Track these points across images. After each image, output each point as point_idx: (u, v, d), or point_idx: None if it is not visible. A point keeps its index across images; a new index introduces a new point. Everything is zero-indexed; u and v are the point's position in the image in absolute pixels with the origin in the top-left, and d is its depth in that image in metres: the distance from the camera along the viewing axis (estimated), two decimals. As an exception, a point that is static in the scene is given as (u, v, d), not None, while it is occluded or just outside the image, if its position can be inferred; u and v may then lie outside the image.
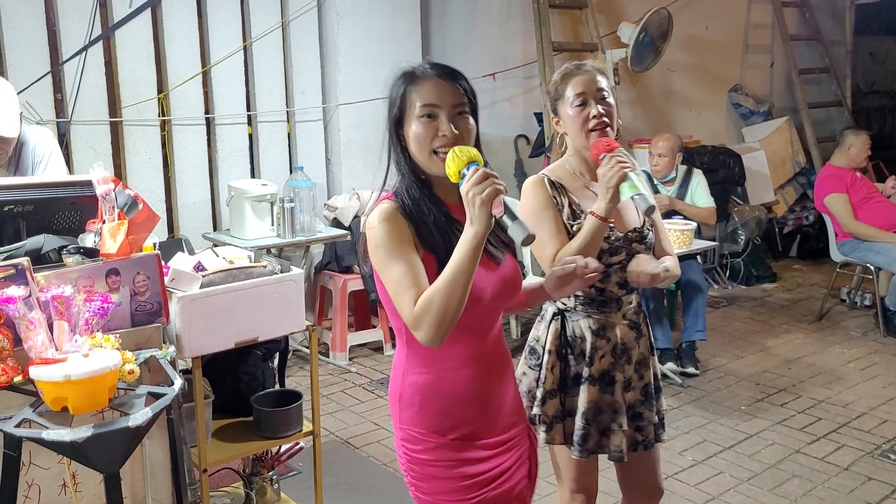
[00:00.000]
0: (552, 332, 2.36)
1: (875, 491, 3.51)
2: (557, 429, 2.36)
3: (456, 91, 1.79)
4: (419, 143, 1.77)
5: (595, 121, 2.26)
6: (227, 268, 2.55)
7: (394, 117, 1.81)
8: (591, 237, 2.19)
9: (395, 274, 1.72)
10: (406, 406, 1.88)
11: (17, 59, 4.35)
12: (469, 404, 1.86)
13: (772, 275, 6.92)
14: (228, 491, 3.03)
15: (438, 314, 1.65)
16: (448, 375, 1.84)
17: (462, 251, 1.64)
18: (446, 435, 1.85)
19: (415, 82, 1.79)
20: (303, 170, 4.97)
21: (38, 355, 1.80)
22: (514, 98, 6.41)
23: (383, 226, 1.74)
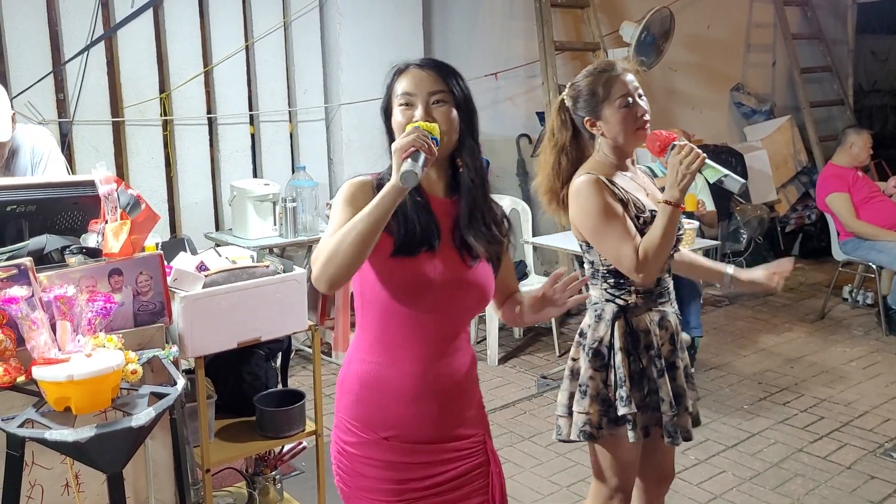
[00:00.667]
0: (619, 330, 2.34)
1: (877, 490, 3.50)
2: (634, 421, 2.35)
3: (435, 80, 1.82)
4: (397, 130, 1.81)
5: (642, 120, 2.33)
6: (229, 268, 2.55)
7: (382, 108, 1.89)
8: (670, 226, 2.21)
9: (332, 225, 1.77)
10: (345, 393, 1.88)
11: (19, 59, 4.36)
12: (406, 405, 1.81)
13: (774, 274, 6.90)
14: (231, 491, 3.04)
15: (327, 252, 1.67)
16: (390, 370, 1.81)
17: (375, 199, 1.67)
18: (378, 432, 1.82)
19: (399, 74, 1.86)
20: (305, 169, 4.97)
21: (40, 355, 1.80)
22: (516, 97, 6.40)
23: (350, 187, 1.83)
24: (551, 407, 4.37)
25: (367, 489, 1.84)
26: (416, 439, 1.83)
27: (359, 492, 1.86)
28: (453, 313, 1.84)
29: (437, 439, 1.85)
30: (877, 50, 9.38)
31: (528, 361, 5.07)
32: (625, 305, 2.36)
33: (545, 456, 3.82)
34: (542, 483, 3.58)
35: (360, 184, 1.83)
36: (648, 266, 2.23)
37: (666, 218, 2.21)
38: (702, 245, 4.97)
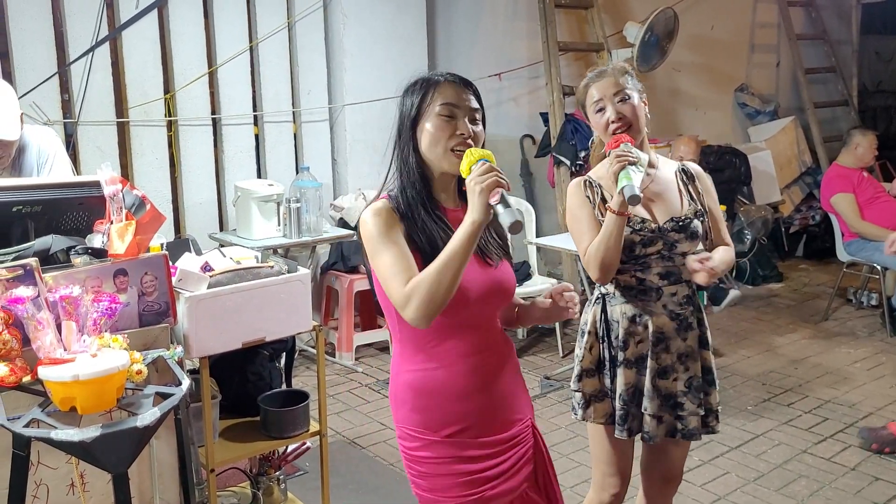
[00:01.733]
0: (592, 315, 2.48)
1: (882, 491, 3.50)
2: (595, 407, 2.46)
3: (472, 99, 1.88)
4: (435, 140, 1.83)
5: (613, 125, 2.36)
6: (234, 268, 2.55)
7: (411, 116, 1.86)
8: (609, 231, 2.29)
9: (387, 260, 1.78)
10: (400, 404, 1.93)
11: (24, 60, 4.37)
12: (461, 401, 1.88)
13: (778, 274, 6.91)
14: (235, 491, 3.04)
15: (428, 293, 1.71)
16: (438, 373, 1.88)
17: (458, 237, 1.71)
18: (439, 432, 1.88)
19: (435, 85, 1.86)
20: (309, 170, 4.98)
21: (46, 355, 1.80)
22: (519, 98, 6.41)
23: (375, 219, 1.82)
24: (555, 408, 4.38)
25: (441, 488, 1.90)
26: (474, 433, 1.90)
27: (437, 493, 1.91)
28: (485, 311, 1.92)
29: (493, 429, 1.93)
30: (881, 50, 9.36)
31: (531, 362, 5.07)
32: (605, 294, 2.47)
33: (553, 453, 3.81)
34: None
35: (386, 211, 1.84)
36: (591, 265, 2.34)
37: (605, 223, 2.31)
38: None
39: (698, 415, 2.45)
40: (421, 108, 1.85)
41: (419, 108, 1.85)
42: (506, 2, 6.30)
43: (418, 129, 1.86)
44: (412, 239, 1.83)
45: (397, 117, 1.91)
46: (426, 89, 1.86)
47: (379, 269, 1.80)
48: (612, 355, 2.44)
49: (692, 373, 2.44)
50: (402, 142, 1.89)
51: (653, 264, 2.39)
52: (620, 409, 2.41)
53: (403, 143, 1.88)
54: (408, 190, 1.86)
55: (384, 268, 1.79)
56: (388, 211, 1.84)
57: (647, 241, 2.36)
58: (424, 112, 1.85)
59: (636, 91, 2.39)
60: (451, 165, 1.82)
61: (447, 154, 1.82)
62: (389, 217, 1.83)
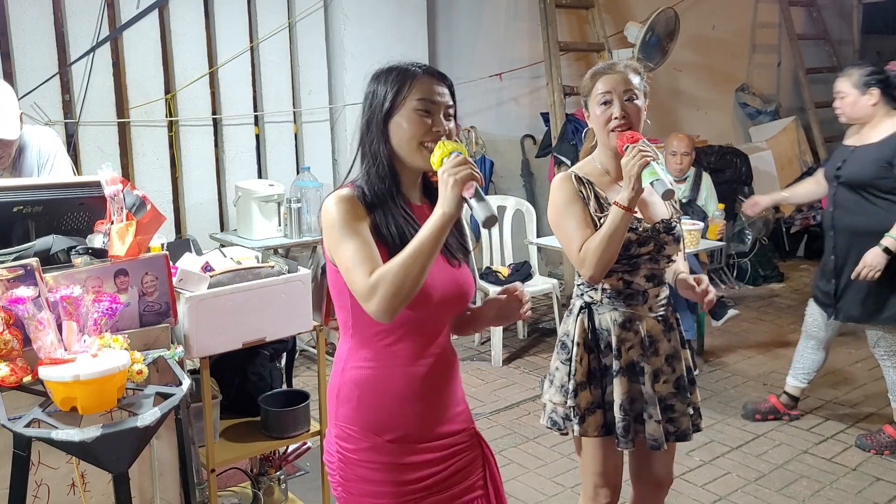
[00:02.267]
0: (579, 325, 2.41)
1: (883, 491, 3.50)
2: (590, 420, 2.40)
3: (447, 94, 1.81)
4: (409, 136, 1.76)
5: (616, 122, 2.30)
6: (234, 268, 2.56)
7: (384, 108, 1.78)
8: (616, 227, 2.22)
9: (350, 250, 1.71)
10: (343, 401, 1.85)
11: (25, 61, 4.37)
12: (409, 404, 1.82)
13: (779, 275, 6.91)
14: (236, 491, 3.04)
15: (393, 286, 1.64)
16: (390, 373, 1.81)
17: (427, 230, 1.64)
18: (382, 435, 1.81)
19: (412, 78, 1.79)
20: (310, 170, 4.98)
21: (47, 355, 1.80)
22: (520, 98, 6.41)
23: (339, 206, 1.75)
24: (556, 408, 4.37)
25: (369, 494, 1.83)
26: (417, 439, 1.84)
27: (361, 498, 1.85)
28: (441, 313, 1.86)
29: (436, 436, 1.86)
30: (882, 50, 9.34)
31: (531, 362, 5.07)
32: (590, 302, 2.42)
33: (549, 457, 3.82)
34: (546, 484, 3.58)
35: (351, 199, 1.76)
36: (587, 263, 2.27)
37: (612, 218, 2.23)
38: (706, 246, 4.97)
39: (688, 415, 2.46)
40: (396, 101, 1.78)
41: (394, 101, 1.78)
42: (507, 2, 6.30)
43: (391, 122, 1.78)
44: (378, 231, 1.76)
45: (367, 106, 1.83)
46: (402, 81, 1.79)
47: (341, 258, 1.73)
48: (603, 365, 2.39)
49: (679, 373, 2.45)
50: (372, 133, 1.81)
51: (642, 266, 2.36)
52: (622, 419, 2.36)
53: (374, 135, 1.80)
54: (376, 182, 1.79)
55: (347, 257, 1.71)
56: (353, 199, 1.76)
57: (642, 240, 2.33)
58: (399, 105, 1.77)
59: (643, 93, 2.37)
60: (423, 161, 1.75)
61: (420, 149, 1.76)
62: (354, 206, 1.75)
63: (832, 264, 3.77)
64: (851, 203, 3.68)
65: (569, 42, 6.30)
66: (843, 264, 3.74)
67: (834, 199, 3.76)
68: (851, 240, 3.69)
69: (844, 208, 3.71)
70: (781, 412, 4.17)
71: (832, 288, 3.79)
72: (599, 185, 2.38)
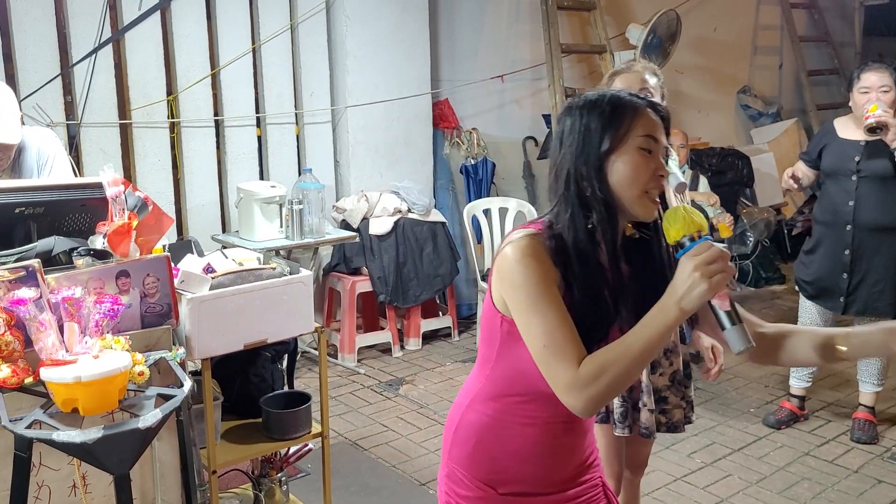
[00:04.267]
0: None
1: (885, 494, 3.49)
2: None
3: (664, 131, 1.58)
4: (633, 179, 1.52)
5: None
6: (236, 269, 2.55)
7: (604, 146, 1.53)
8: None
9: (546, 325, 1.49)
10: (459, 442, 1.70)
11: (27, 62, 4.37)
12: (529, 463, 1.66)
13: (780, 276, 6.90)
14: (237, 492, 3.04)
15: (608, 386, 1.44)
16: (513, 429, 1.64)
17: (656, 325, 1.43)
18: (496, 488, 1.66)
19: (634, 112, 1.55)
20: (311, 172, 4.98)
21: (48, 357, 1.80)
22: (522, 100, 6.41)
23: (531, 262, 1.51)
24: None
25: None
26: (535, 492, 1.68)
27: None
28: None
29: (557, 490, 1.70)
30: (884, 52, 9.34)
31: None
32: None
33: None
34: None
35: (541, 251, 1.52)
36: None
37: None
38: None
39: (681, 407, 2.54)
40: (616, 138, 1.53)
41: (614, 138, 1.53)
42: (509, 4, 6.30)
43: (609, 162, 1.53)
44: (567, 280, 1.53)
45: (576, 143, 1.56)
46: (624, 116, 1.54)
47: (533, 330, 1.50)
48: None
49: (675, 367, 2.53)
50: (586, 176, 1.54)
51: None
52: (621, 405, 2.44)
53: (589, 178, 1.54)
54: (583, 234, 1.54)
55: (542, 334, 1.48)
56: (542, 250, 1.52)
57: None
58: (621, 143, 1.53)
59: (660, 94, 2.41)
60: (643, 211, 1.54)
61: (642, 198, 1.53)
62: (545, 261, 1.51)
63: (847, 258, 3.80)
64: (877, 197, 3.72)
65: (571, 44, 6.30)
66: (860, 258, 3.76)
67: (856, 193, 3.76)
68: (872, 234, 3.75)
69: (868, 203, 3.74)
70: (798, 415, 4.21)
71: (844, 282, 3.81)
72: None
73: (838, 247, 3.84)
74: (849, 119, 3.86)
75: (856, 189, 3.76)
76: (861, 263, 3.78)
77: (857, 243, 3.78)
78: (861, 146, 3.75)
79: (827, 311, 3.96)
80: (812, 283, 3.97)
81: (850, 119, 3.85)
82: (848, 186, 3.78)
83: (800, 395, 4.21)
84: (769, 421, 4.17)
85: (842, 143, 3.83)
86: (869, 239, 3.74)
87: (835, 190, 3.85)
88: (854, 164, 3.75)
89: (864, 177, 3.73)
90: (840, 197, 3.81)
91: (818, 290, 3.94)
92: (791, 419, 4.17)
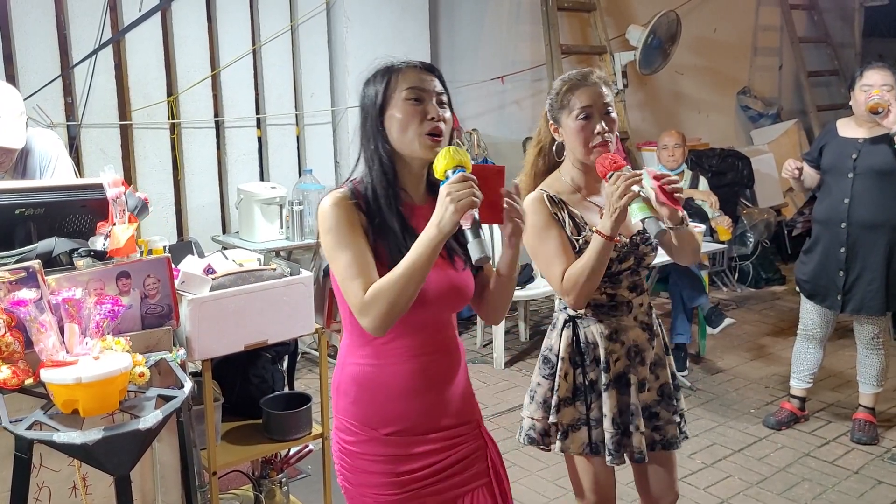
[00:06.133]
0: (564, 340, 2.36)
1: (885, 495, 3.49)
2: (574, 437, 2.34)
3: (436, 82, 1.81)
4: (404, 125, 1.76)
5: (599, 137, 2.21)
6: (236, 270, 2.55)
7: (377, 105, 1.80)
8: (599, 256, 2.15)
9: (344, 260, 1.73)
10: (342, 395, 1.89)
11: (27, 63, 4.37)
12: (404, 401, 1.84)
13: (781, 277, 6.90)
14: (238, 493, 3.04)
15: (387, 305, 1.67)
16: (384, 370, 1.84)
17: (420, 249, 1.66)
18: (379, 429, 1.85)
19: (397, 71, 1.81)
20: (312, 172, 4.98)
21: (48, 358, 1.80)
22: (522, 101, 6.41)
23: (334, 210, 1.76)
24: (557, 410, 4.37)
25: (369, 485, 1.87)
26: (416, 432, 1.86)
27: (362, 488, 1.89)
28: (438, 314, 1.86)
29: (434, 429, 1.88)
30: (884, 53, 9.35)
31: (533, 365, 5.05)
32: (575, 316, 2.36)
33: (552, 460, 3.81)
34: (549, 487, 3.57)
35: (346, 203, 1.77)
36: (574, 292, 2.21)
37: (594, 248, 2.15)
38: (708, 249, 4.97)
39: (674, 422, 2.40)
40: (386, 96, 1.79)
41: (384, 96, 1.79)
42: (509, 5, 6.30)
43: (386, 118, 1.79)
44: (373, 236, 1.77)
45: (360, 109, 1.85)
46: (388, 76, 1.80)
47: (336, 267, 1.76)
48: (590, 380, 2.33)
49: (663, 380, 2.41)
50: (368, 133, 1.82)
51: (624, 279, 2.32)
52: (614, 434, 2.30)
53: (371, 134, 1.81)
54: (377, 182, 1.79)
55: (342, 268, 1.74)
56: (347, 203, 1.77)
57: (622, 257, 2.28)
58: (390, 99, 1.78)
59: (614, 104, 2.30)
60: (424, 150, 1.75)
61: (420, 139, 1.75)
62: (349, 210, 1.76)
63: (842, 256, 3.80)
64: (871, 195, 3.73)
65: (571, 45, 6.31)
66: (856, 256, 3.77)
67: (851, 191, 3.76)
68: (867, 232, 3.75)
69: (863, 200, 3.75)
70: (799, 416, 4.20)
71: (841, 280, 3.82)
72: (571, 202, 2.30)
73: (834, 245, 3.84)
74: (850, 119, 3.87)
75: (851, 186, 3.76)
76: (856, 261, 3.78)
77: (851, 241, 3.78)
78: (859, 144, 3.75)
79: (827, 310, 3.95)
80: (810, 281, 3.98)
81: (852, 119, 3.85)
82: (844, 184, 3.78)
83: (800, 396, 4.21)
84: (769, 422, 4.17)
85: (841, 141, 3.84)
86: (864, 236, 3.74)
87: (832, 188, 3.85)
88: (851, 162, 3.76)
89: (859, 174, 3.74)
90: (836, 195, 3.82)
91: (816, 288, 3.94)
92: (791, 420, 4.17)
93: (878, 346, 3.94)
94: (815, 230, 4.00)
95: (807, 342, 4.10)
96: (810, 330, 4.06)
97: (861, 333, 3.98)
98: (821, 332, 4.04)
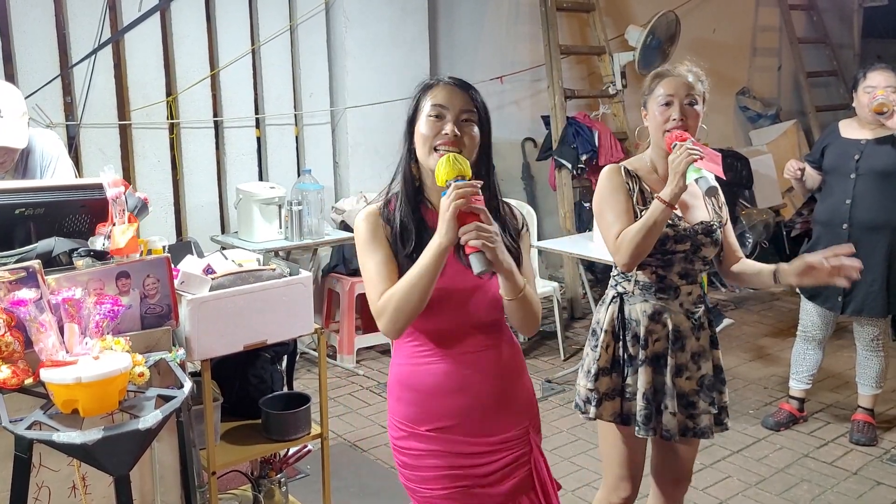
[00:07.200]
0: (609, 314, 2.48)
1: (883, 496, 3.50)
2: (607, 405, 2.46)
3: (465, 98, 1.89)
4: (423, 140, 1.86)
5: (673, 123, 2.37)
6: (236, 270, 2.55)
7: (409, 118, 1.92)
8: (654, 220, 2.29)
9: (369, 268, 1.89)
10: (390, 394, 2.03)
11: (27, 63, 4.37)
12: (443, 398, 1.92)
13: (780, 278, 6.89)
14: (237, 493, 3.04)
15: (396, 310, 1.80)
16: (420, 369, 1.94)
17: (425, 258, 1.76)
18: (419, 426, 1.95)
19: (430, 88, 1.91)
20: (311, 173, 4.98)
21: (48, 358, 1.80)
22: (521, 101, 6.41)
23: (361, 224, 1.92)
24: (557, 411, 4.37)
25: (425, 479, 1.96)
26: (461, 432, 1.94)
27: (421, 484, 1.97)
28: (457, 319, 1.92)
29: (482, 432, 1.95)
30: (883, 54, 9.34)
31: (533, 365, 5.06)
32: (623, 293, 2.48)
33: (551, 459, 3.77)
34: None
35: (373, 216, 1.91)
36: (622, 250, 2.33)
37: (652, 210, 2.30)
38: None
39: (710, 413, 2.48)
40: (416, 111, 1.90)
41: (415, 111, 1.90)
42: (508, 5, 6.30)
43: (415, 132, 1.89)
44: (394, 243, 1.89)
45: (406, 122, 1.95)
46: (422, 92, 1.91)
47: (363, 276, 1.90)
48: (629, 354, 2.46)
49: (704, 371, 2.48)
50: (403, 145, 1.93)
51: (676, 263, 2.42)
52: (644, 408, 2.41)
53: (404, 146, 1.93)
54: (402, 192, 1.92)
55: (366, 275, 1.89)
56: (375, 216, 1.91)
57: (679, 237, 2.39)
58: (419, 114, 1.89)
59: (703, 99, 2.45)
60: (433, 163, 1.84)
61: (431, 154, 1.84)
62: (375, 222, 1.90)
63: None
64: (873, 196, 3.74)
65: (570, 45, 6.31)
66: (857, 257, 3.76)
67: (853, 192, 3.77)
68: (868, 233, 3.74)
69: (864, 202, 3.76)
70: (798, 417, 4.21)
71: None
72: (647, 181, 2.45)
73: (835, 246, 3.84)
74: (852, 120, 3.87)
75: (853, 188, 3.77)
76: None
77: (853, 242, 3.78)
78: (862, 145, 3.76)
79: (827, 311, 3.96)
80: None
81: (854, 120, 3.86)
82: (846, 185, 3.79)
83: (799, 397, 4.21)
84: (768, 423, 4.18)
85: (843, 142, 3.84)
86: (865, 237, 3.73)
87: (833, 189, 3.86)
88: (853, 163, 3.76)
89: (861, 175, 3.74)
90: (838, 196, 3.83)
91: (817, 289, 3.94)
92: (790, 421, 4.18)
93: (878, 347, 3.95)
94: (815, 231, 4.00)
95: (806, 343, 4.10)
96: (810, 331, 4.06)
97: (861, 335, 3.98)
98: (821, 333, 4.04)
